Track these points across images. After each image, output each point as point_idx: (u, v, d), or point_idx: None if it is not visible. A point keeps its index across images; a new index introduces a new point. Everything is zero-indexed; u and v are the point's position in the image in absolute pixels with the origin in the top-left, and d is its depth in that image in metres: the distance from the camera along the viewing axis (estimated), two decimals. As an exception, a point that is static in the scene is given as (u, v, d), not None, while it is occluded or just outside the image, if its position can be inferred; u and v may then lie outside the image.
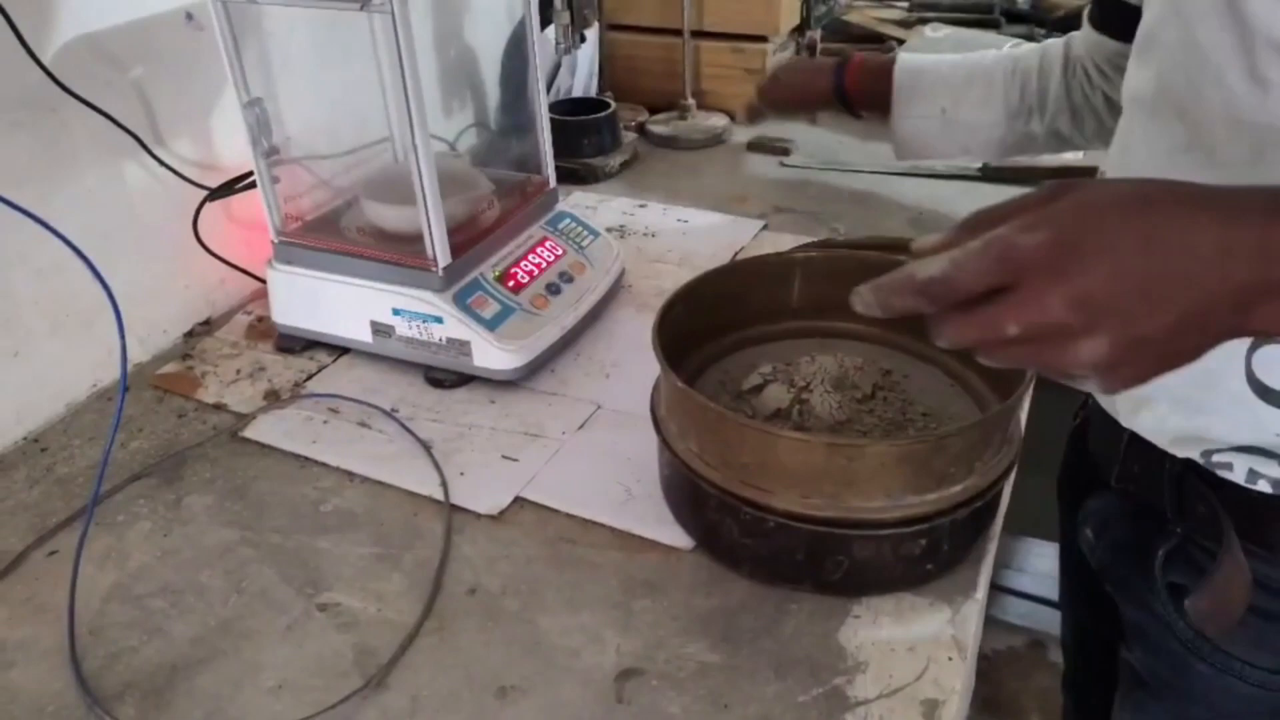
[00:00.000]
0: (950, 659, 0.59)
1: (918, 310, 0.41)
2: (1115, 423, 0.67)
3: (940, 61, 1.02)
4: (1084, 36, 0.90)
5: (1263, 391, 0.56)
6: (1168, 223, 0.37)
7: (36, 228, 0.69)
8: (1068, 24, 1.73)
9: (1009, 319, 0.38)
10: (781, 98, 1.12)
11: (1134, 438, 0.65)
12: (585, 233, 0.97)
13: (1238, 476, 0.59)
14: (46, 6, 0.77)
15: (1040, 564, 1.69)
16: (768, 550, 0.63)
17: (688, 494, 0.67)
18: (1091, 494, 0.75)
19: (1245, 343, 0.55)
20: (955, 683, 0.58)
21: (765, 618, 0.63)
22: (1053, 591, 1.72)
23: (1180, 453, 0.62)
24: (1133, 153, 0.61)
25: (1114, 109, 0.93)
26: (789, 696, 0.57)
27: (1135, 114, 0.61)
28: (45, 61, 0.77)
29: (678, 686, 0.58)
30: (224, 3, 0.78)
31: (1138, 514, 0.69)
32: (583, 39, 1.27)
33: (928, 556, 0.62)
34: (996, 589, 1.70)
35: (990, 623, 1.67)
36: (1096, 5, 0.86)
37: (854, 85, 1.05)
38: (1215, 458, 0.60)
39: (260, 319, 0.97)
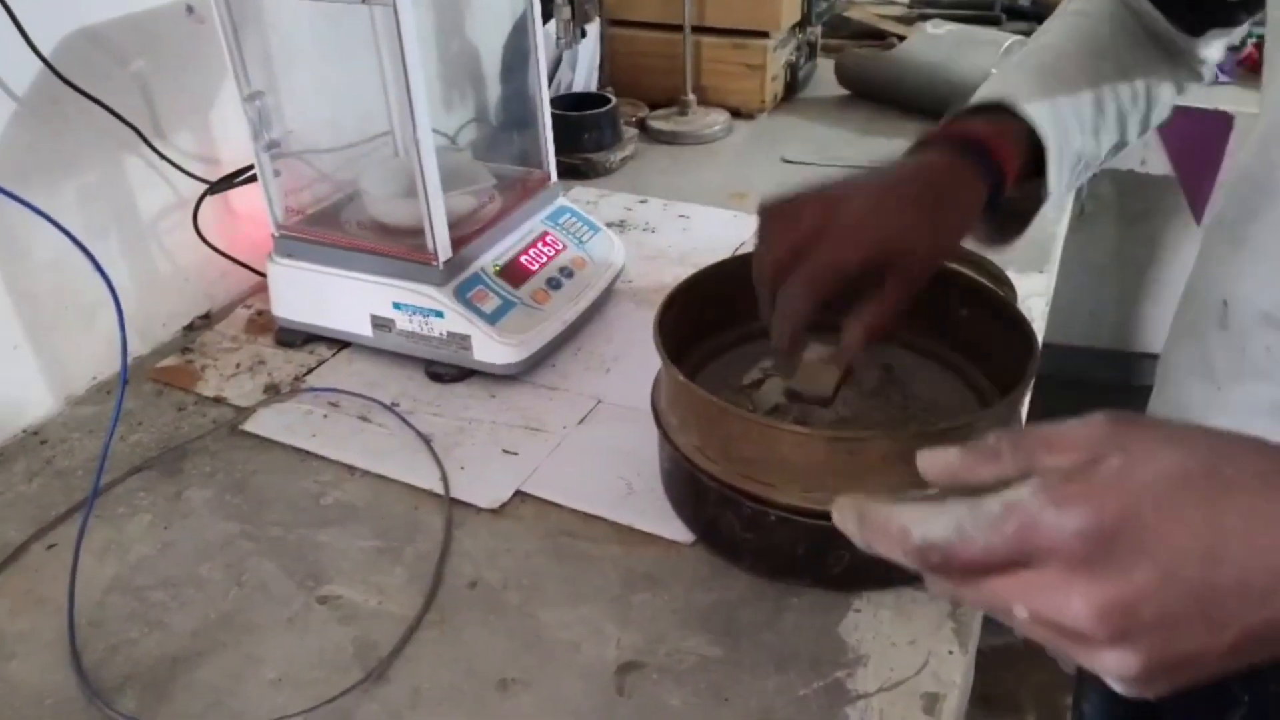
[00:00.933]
0: (951, 653, 0.60)
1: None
2: None
3: (1066, 103, 0.63)
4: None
5: None
6: (1244, 519, 0.29)
7: (37, 220, 0.69)
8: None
9: (1019, 603, 0.31)
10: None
11: None
12: (586, 228, 0.97)
13: None
14: (47, -2, 0.77)
15: (1038, 560, 1.70)
16: (768, 544, 0.63)
17: (688, 488, 0.67)
18: None
19: None
20: (955, 676, 0.58)
21: (766, 612, 0.63)
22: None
23: None
24: None
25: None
26: (789, 690, 0.58)
27: None
28: (45, 53, 0.77)
29: (678, 680, 0.58)
30: (225, -5, 0.78)
31: None
32: (584, 34, 1.27)
33: (928, 551, 0.62)
34: (995, 586, 1.70)
35: (988, 618, 1.67)
36: None
37: (1013, 177, 0.60)
38: None
39: (260, 313, 0.97)
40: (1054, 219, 1.09)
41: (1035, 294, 0.95)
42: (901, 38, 1.58)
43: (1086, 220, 2.31)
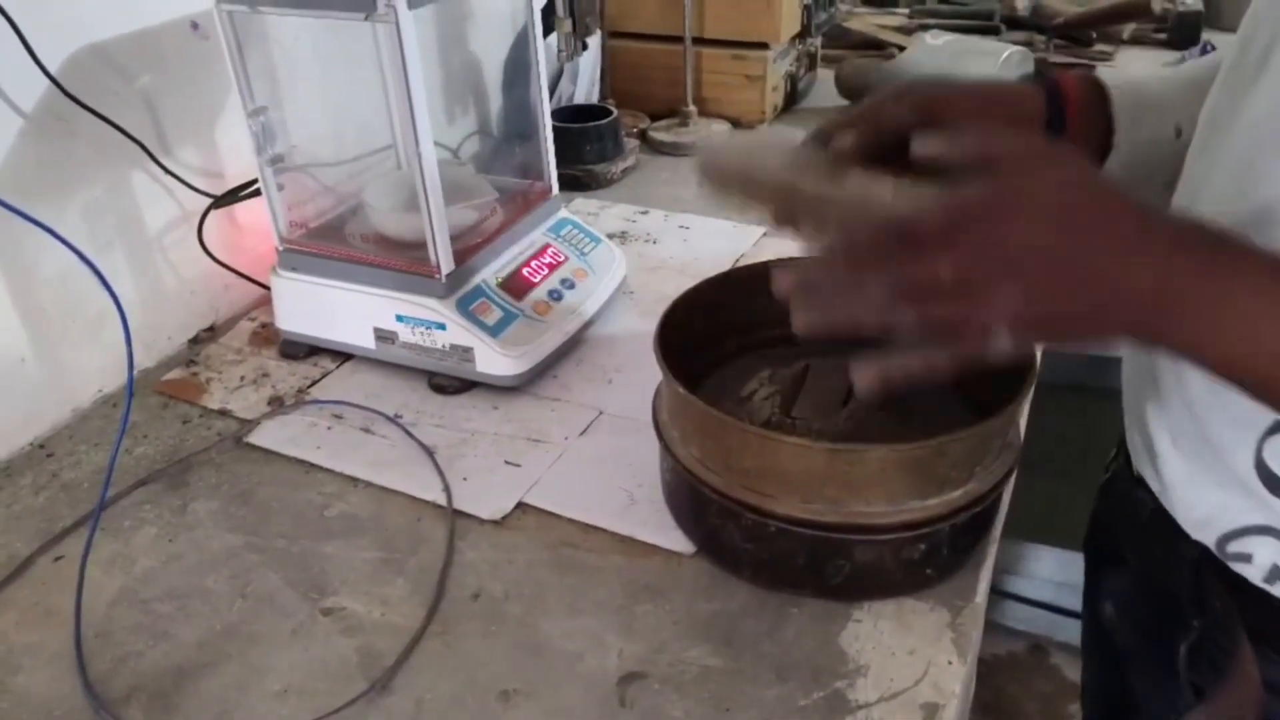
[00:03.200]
0: (950, 663, 0.60)
1: (866, 244, 0.45)
2: (1139, 494, 0.63)
3: (1151, 79, 0.71)
4: None
5: (1271, 482, 0.52)
6: (1095, 229, 0.41)
7: (43, 235, 0.70)
8: (1067, 31, 1.74)
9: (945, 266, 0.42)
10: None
11: (1155, 515, 0.61)
12: (587, 239, 0.98)
13: (1255, 574, 0.55)
14: (54, 16, 0.78)
15: (1040, 569, 1.70)
16: (769, 555, 0.63)
17: (689, 499, 0.68)
18: (1113, 564, 0.71)
19: (1258, 428, 0.51)
20: (955, 686, 0.58)
21: (766, 622, 0.63)
22: (1053, 596, 1.73)
23: (1196, 534, 0.58)
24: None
25: None
26: (790, 700, 0.58)
27: None
28: (53, 71, 0.78)
29: (680, 690, 0.59)
30: (229, 12, 0.79)
31: (1158, 599, 0.65)
32: (584, 46, 1.28)
33: (928, 561, 0.63)
34: (996, 593, 1.70)
35: (990, 627, 1.68)
36: None
37: (1077, 109, 0.66)
38: (1230, 547, 0.56)
39: (264, 325, 0.98)
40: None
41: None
42: (901, 48, 1.59)
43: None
